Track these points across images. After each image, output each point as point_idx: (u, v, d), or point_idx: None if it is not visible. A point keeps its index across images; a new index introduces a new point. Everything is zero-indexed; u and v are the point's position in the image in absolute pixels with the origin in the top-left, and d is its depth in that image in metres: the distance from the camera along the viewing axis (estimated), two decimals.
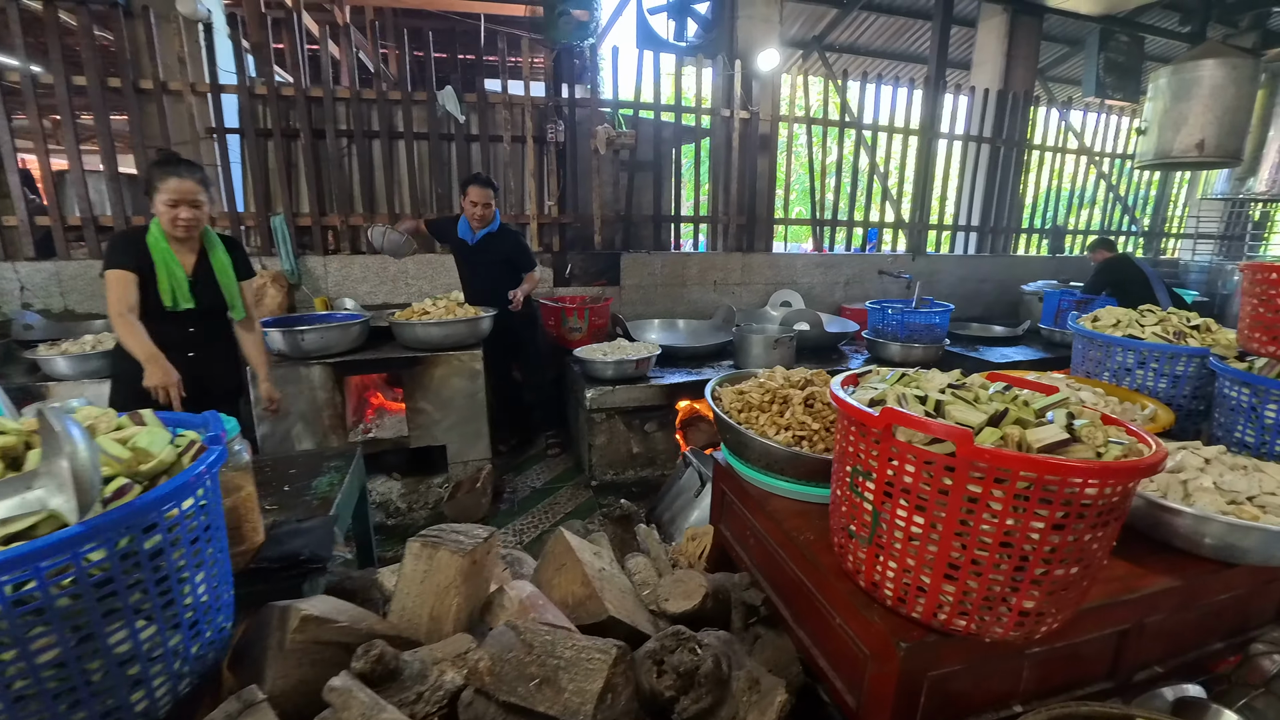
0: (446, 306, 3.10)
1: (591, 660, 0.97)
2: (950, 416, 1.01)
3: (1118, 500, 0.91)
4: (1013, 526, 0.91)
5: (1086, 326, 2.12)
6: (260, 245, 3.97)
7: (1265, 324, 1.56)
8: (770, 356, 3.51)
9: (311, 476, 1.82)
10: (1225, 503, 1.30)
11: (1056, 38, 6.62)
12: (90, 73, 3.49)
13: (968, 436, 0.89)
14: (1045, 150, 5.69)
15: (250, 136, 3.80)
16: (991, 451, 0.87)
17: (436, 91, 3.95)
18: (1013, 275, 5.60)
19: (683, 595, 1.34)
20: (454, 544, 1.21)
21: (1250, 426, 1.55)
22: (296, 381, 2.89)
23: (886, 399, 1.09)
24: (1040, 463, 0.85)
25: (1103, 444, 0.96)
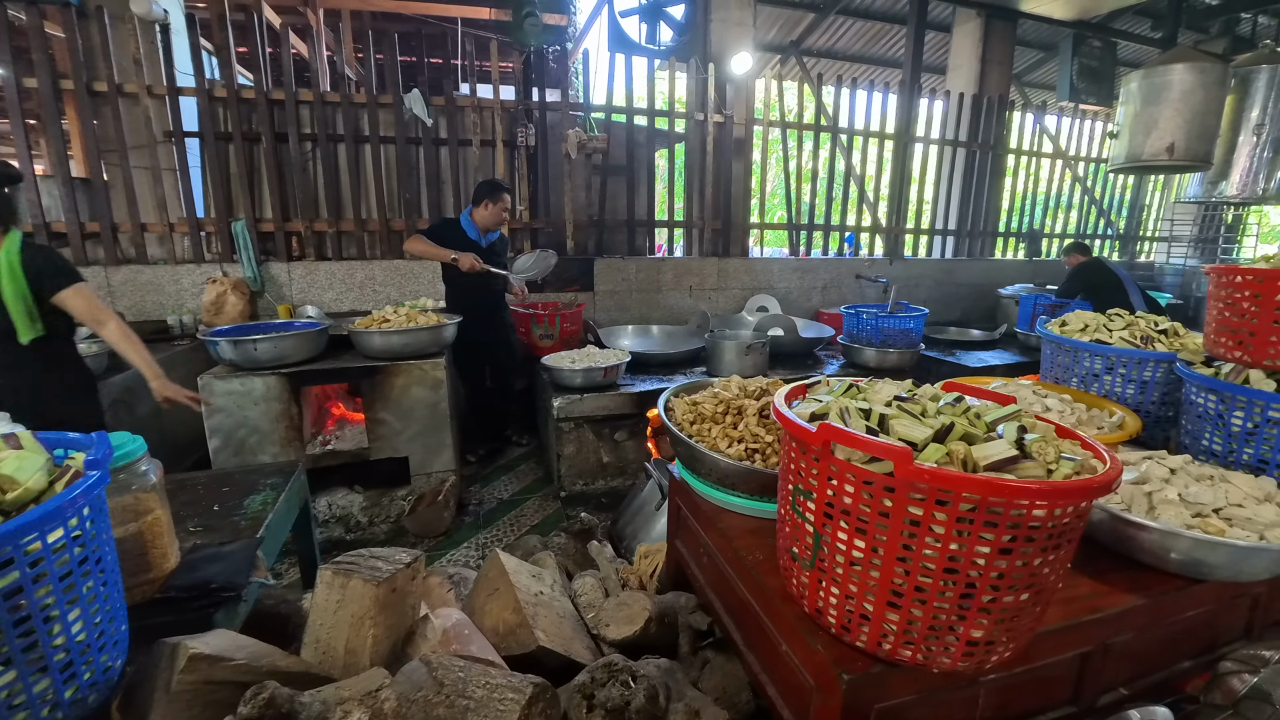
0: (408, 314, 3.00)
1: (504, 700, 0.88)
2: (893, 432, 0.94)
3: (1070, 521, 0.85)
4: (957, 551, 0.84)
5: (1055, 331, 2.08)
6: (222, 251, 3.85)
7: (1231, 328, 1.51)
8: (742, 363, 3.45)
9: (245, 495, 1.72)
10: (1190, 516, 1.25)
11: (1032, 43, 6.67)
12: (41, 74, 3.36)
13: (907, 455, 0.82)
14: (1021, 154, 5.71)
15: (210, 140, 3.69)
16: (931, 471, 0.80)
17: (403, 95, 3.86)
18: (990, 279, 5.60)
19: (625, 620, 1.26)
20: (369, 571, 1.12)
21: (1217, 434, 1.51)
22: (249, 393, 2.78)
23: (829, 413, 1.02)
24: (983, 483, 0.78)
25: (1054, 460, 0.90)
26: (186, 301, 3.83)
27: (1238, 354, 1.49)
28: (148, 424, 3.04)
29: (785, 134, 4.85)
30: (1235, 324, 1.49)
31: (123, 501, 1.23)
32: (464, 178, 4.23)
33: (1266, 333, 1.42)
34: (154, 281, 3.77)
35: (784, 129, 4.82)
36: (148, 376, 2.24)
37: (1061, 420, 1.69)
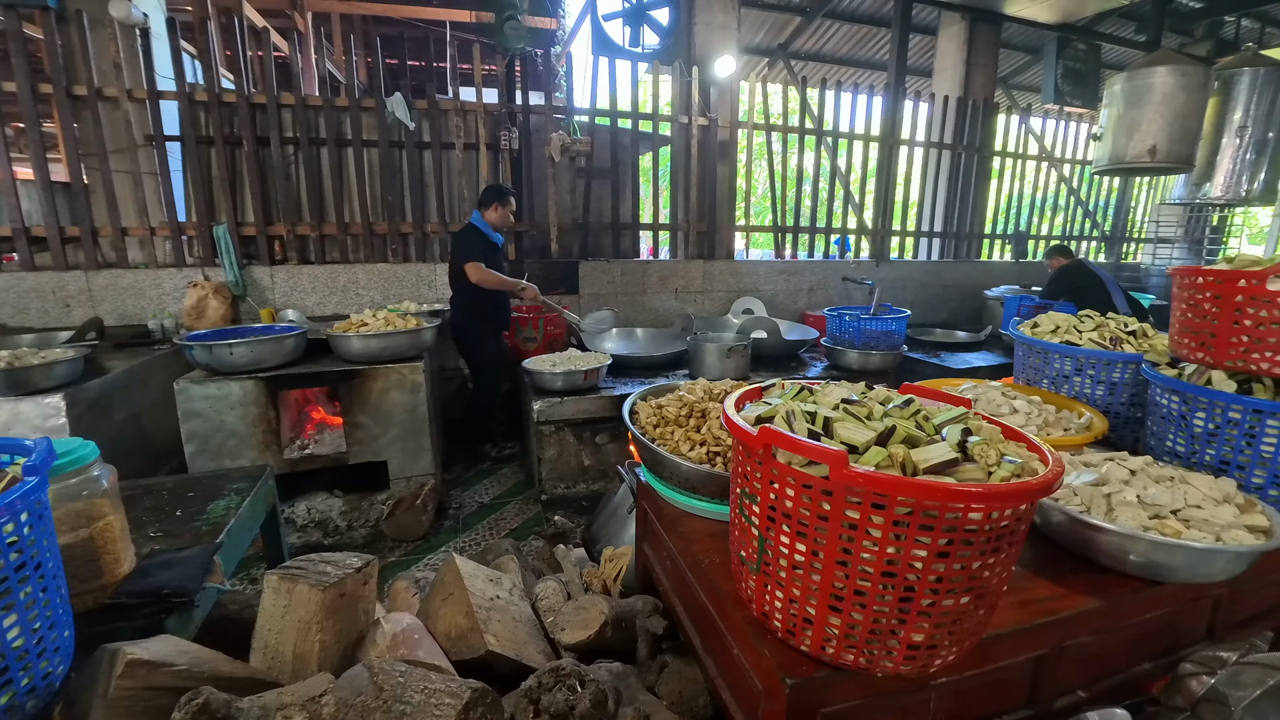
0: (386, 318, 2.99)
1: (440, 705, 0.88)
2: (836, 435, 0.94)
3: (1010, 525, 0.85)
4: (895, 555, 0.83)
5: (1026, 333, 2.08)
6: (203, 255, 3.84)
7: (1193, 329, 1.52)
8: (724, 365, 3.44)
9: (210, 500, 1.71)
10: (1148, 517, 1.24)
11: (1018, 46, 6.71)
12: (19, 78, 3.35)
13: (842, 458, 0.81)
14: (1007, 156, 5.73)
15: (191, 144, 3.68)
16: (865, 475, 0.80)
17: (385, 98, 3.86)
18: (977, 280, 5.62)
19: (580, 624, 1.26)
20: (316, 577, 1.11)
21: (1180, 435, 1.51)
22: (226, 397, 2.76)
23: (775, 416, 1.02)
24: (916, 486, 0.78)
25: (995, 463, 0.89)
26: (168, 305, 3.82)
27: (1200, 355, 1.50)
28: (126, 428, 3.03)
29: (770, 136, 4.86)
30: (1197, 325, 1.50)
31: (74, 508, 1.21)
32: (447, 181, 4.23)
33: (1227, 333, 1.42)
34: (135, 286, 3.75)
35: (769, 131, 4.83)
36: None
37: (1028, 422, 1.69)
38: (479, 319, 3.55)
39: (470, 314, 3.52)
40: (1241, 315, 1.39)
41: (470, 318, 3.53)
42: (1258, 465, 1.36)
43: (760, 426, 0.93)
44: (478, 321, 3.55)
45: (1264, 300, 1.36)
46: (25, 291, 3.59)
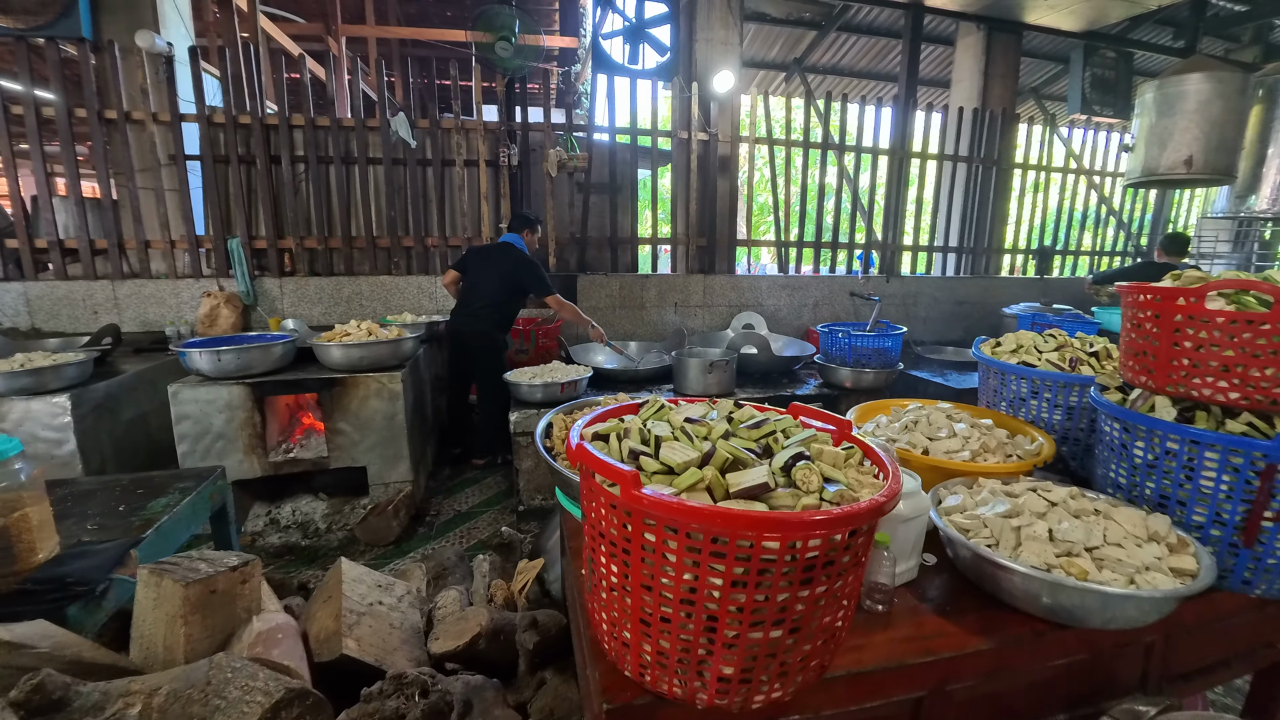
0: (368, 328, 3.08)
1: (251, 702, 0.88)
2: (662, 456, 0.91)
3: (824, 557, 0.80)
4: (693, 582, 0.80)
5: (986, 352, 1.98)
6: (218, 267, 4.06)
7: (1136, 351, 1.41)
8: (706, 381, 3.40)
9: (154, 497, 1.79)
10: (1056, 555, 1.15)
11: (1047, 55, 6.45)
12: (58, 103, 3.65)
13: (632, 479, 0.79)
14: (1029, 169, 5.49)
15: (209, 163, 3.91)
16: (649, 497, 0.77)
17: (390, 118, 4.01)
18: (995, 297, 5.38)
19: (454, 634, 1.25)
20: (185, 572, 1.14)
21: (1122, 466, 1.40)
22: (214, 401, 2.89)
23: (610, 434, 1.00)
24: (690, 510, 0.74)
25: (816, 489, 0.85)
26: (185, 314, 4.04)
27: (1144, 379, 1.39)
28: (133, 428, 3.20)
29: (772, 150, 4.81)
30: (1140, 345, 1.39)
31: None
32: (449, 197, 4.35)
33: (1166, 355, 1.31)
34: (156, 295, 4.00)
35: (771, 145, 4.78)
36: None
37: (964, 446, 1.60)
38: (506, 330, 3.69)
39: (501, 328, 3.62)
40: (1181, 336, 1.29)
41: (500, 330, 3.63)
42: (1197, 501, 1.25)
43: (577, 444, 0.91)
44: (505, 332, 3.68)
45: (1202, 320, 1.25)
46: (58, 299, 3.88)
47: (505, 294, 3.52)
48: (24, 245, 3.79)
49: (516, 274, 3.52)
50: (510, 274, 3.51)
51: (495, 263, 3.53)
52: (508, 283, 3.52)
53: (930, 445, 1.61)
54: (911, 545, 1.25)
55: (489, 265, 3.52)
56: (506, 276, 3.51)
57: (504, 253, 3.56)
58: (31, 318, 3.90)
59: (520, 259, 3.54)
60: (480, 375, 3.55)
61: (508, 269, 3.51)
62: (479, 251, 3.64)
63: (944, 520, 1.28)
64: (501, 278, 3.51)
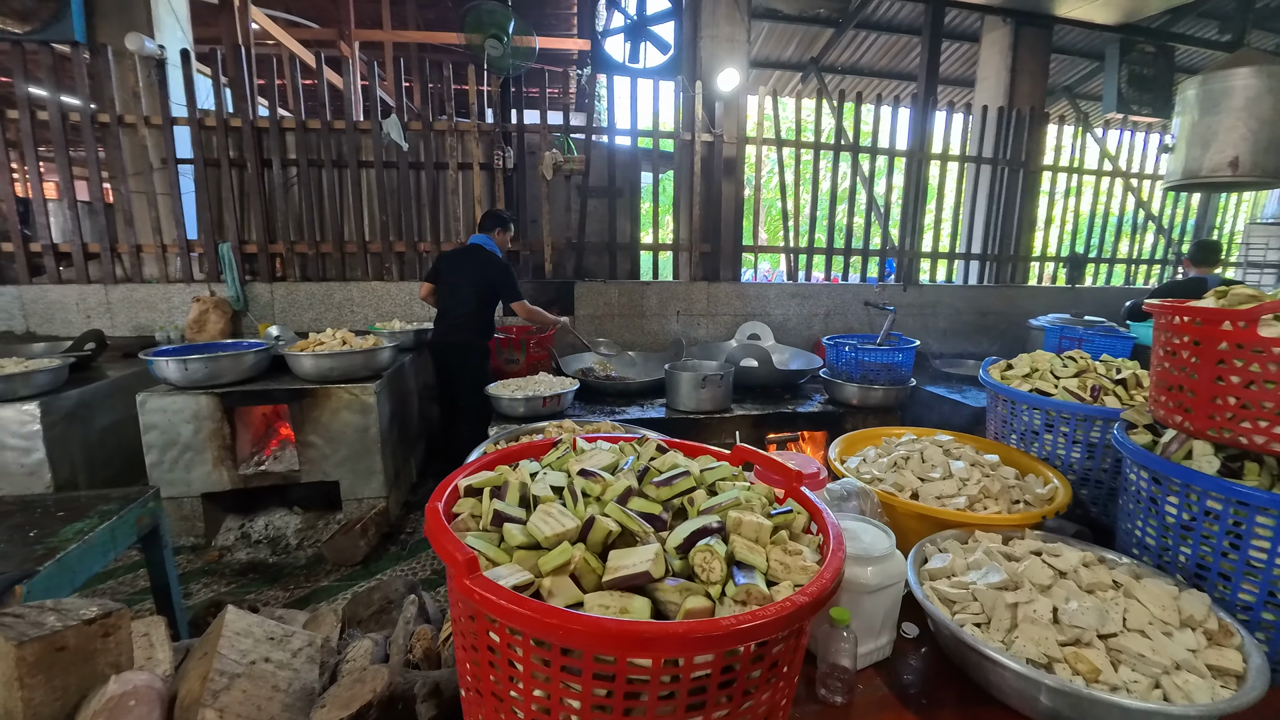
0: (343, 338, 2.96)
1: None
2: (530, 525, 0.71)
3: (716, 677, 0.59)
4: (544, 700, 0.60)
5: (994, 376, 1.73)
6: (210, 271, 4.00)
7: (1169, 384, 1.16)
8: (698, 396, 3.19)
9: (72, 520, 1.66)
10: (1060, 642, 0.92)
11: (1080, 51, 6.07)
12: (52, 107, 3.64)
13: (465, 565, 0.60)
14: (1059, 171, 5.15)
15: (199, 167, 3.86)
16: (480, 592, 0.58)
17: (381, 120, 3.91)
18: (1021, 307, 5.04)
19: (341, 703, 1.07)
20: (28, 627, 0.99)
21: (1150, 524, 1.15)
22: (181, 411, 2.80)
23: (484, 488, 0.81)
24: (517, 614, 0.55)
25: (719, 580, 0.64)
26: (176, 318, 3.99)
27: (1179, 419, 1.14)
28: (108, 436, 3.13)
29: (781, 152, 4.58)
30: (1174, 379, 1.15)
31: None
32: (443, 201, 4.23)
33: (1207, 392, 1.07)
34: (147, 299, 3.96)
35: (779, 147, 4.56)
36: None
37: (960, 490, 1.37)
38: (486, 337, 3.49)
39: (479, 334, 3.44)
40: (1227, 370, 1.04)
41: (481, 337, 3.45)
42: (1245, 575, 1.00)
43: (430, 504, 0.72)
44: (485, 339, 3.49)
45: (1254, 350, 1.01)
46: (51, 303, 3.86)
47: (478, 299, 3.33)
48: (18, 249, 3.78)
49: (486, 276, 3.33)
50: (480, 277, 3.32)
51: (465, 267, 3.34)
52: (479, 287, 3.32)
53: (920, 488, 1.38)
54: (881, 619, 1.03)
55: (459, 271, 3.33)
56: (477, 280, 3.32)
57: (473, 255, 3.37)
58: (26, 321, 3.89)
59: (489, 260, 3.35)
60: (461, 388, 3.37)
61: (477, 272, 3.32)
62: (448, 257, 3.44)
63: (924, 588, 1.05)
64: (472, 282, 3.31)
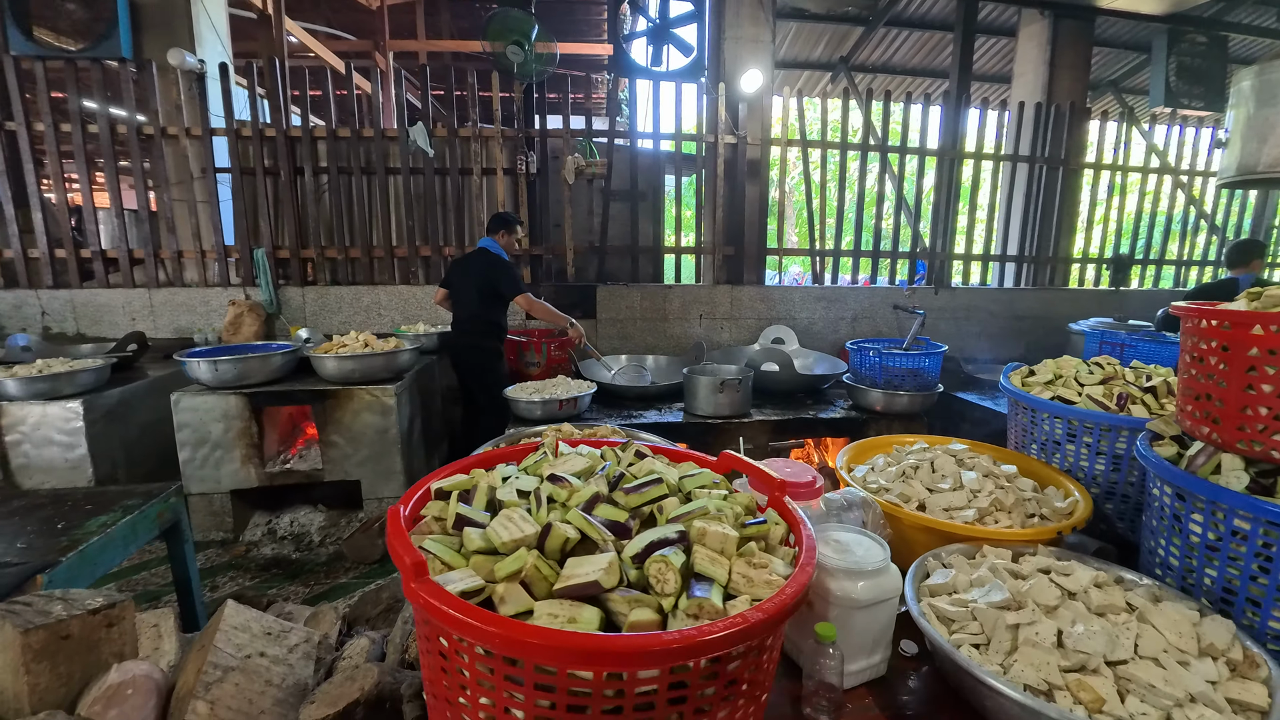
0: (365, 340, 3.03)
1: None
2: (489, 530, 0.70)
3: (664, 693, 0.57)
4: (490, 709, 0.59)
5: (1015, 383, 1.65)
6: (245, 276, 4.16)
7: (1197, 393, 1.08)
8: (716, 401, 3.15)
9: (98, 514, 1.74)
10: (1063, 668, 0.86)
11: (1126, 44, 5.79)
12: (101, 121, 3.84)
13: (413, 569, 0.59)
14: (1100, 168, 4.91)
15: (236, 175, 4.02)
16: (424, 596, 0.57)
17: (408, 128, 4.01)
18: (1059, 311, 4.82)
19: (330, 700, 1.07)
20: (35, 615, 1.03)
21: (1174, 542, 1.07)
22: (211, 410, 2.90)
23: (454, 491, 0.80)
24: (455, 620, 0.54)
25: (673, 591, 0.62)
26: (214, 321, 4.16)
27: (1205, 430, 1.06)
28: (147, 434, 3.27)
29: (805, 153, 4.50)
30: (1202, 388, 1.07)
31: None
32: (467, 206, 4.31)
33: (1236, 401, 0.99)
34: (187, 302, 4.14)
35: (804, 148, 4.48)
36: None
37: (970, 502, 1.30)
38: (496, 339, 3.56)
39: (491, 335, 3.52)
40: (1259, 378, 0.96)
41: (491, 338, 3.53)
42: (1275, 601, 0.92)
43: (393, 507, 0.72)
44: (496, 341, 3.56)
45: None
46: (100, 305, 4.07)
47: (483, 301, 3.40)
48: (70, 255, 4.00)
49: (488, 277, 3.39)
50: (482, 278, 3.39)
51: (470, 271, 3.43)
52: (483, 288, 3.40)
53: (928, 499, 1.32)
54: (874, 637, 0.98)
55: (465, 275, 3.42)
56: (481, 282, 3.39)
57: (477, 259, 3.46)
58: (77, 323, 4.11)
59: (490, 261, 3.42)
60: (477, 389, 3.43)
61: (479, 274, 3.40)
62: (457, 263, 3.56)
63: (921, 605, 1.00)
64: (477, 285, 3.39)
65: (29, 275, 4.04)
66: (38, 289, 4.04)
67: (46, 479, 2.96)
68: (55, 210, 3.95)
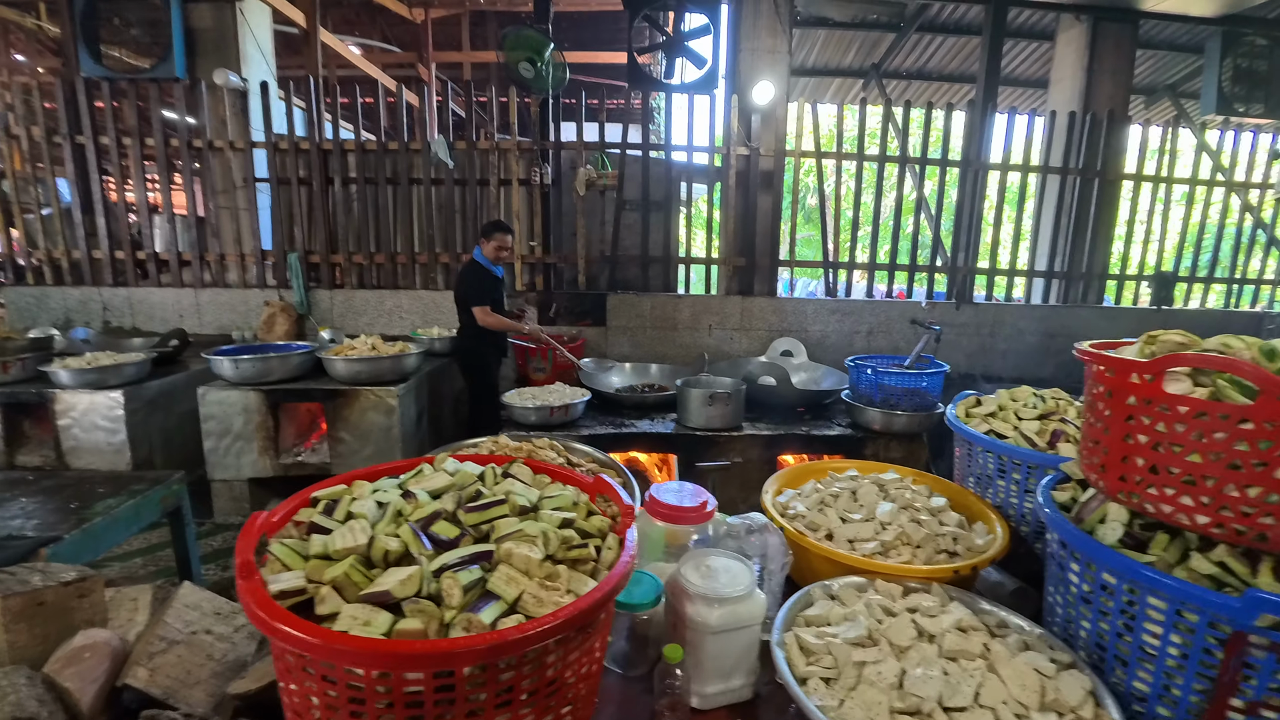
0: (373, 344, 3.21)
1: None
2: (330, 538, 0.79)
3: (430, 695, 0.63)
4: (296, 692, 0.68)
5: (958, 414, 1.63)
6: (280, 279, 4.47)
7: (1091, 437, 1.06)
8: (708, 413, 3.18)
9: (109, 496, 1.94)
10: (895, 709, 0.88)
11: (1182, 46, 5.41)
12: (157, 136, 4.22)
13: (243, 566, 0.69)
14: (1141, 180, 4.63)
15: (274, 185, 4.33)
16: (243, 587, 0.67)
17: (429, 140, 4.21)
18: (1095, 330, 4.57)
19: (259, 675, 1.19)
20: (14, 584, 1.20)
21: (1059, 591, 1.06)
22: (234, 404, 3.15)
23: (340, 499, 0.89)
24: (250, 610, 0.63)
25: (456, 604, 0.69)
26: (251, 320, 4.49)
27: (1093, 476, 1.05)
28: (185, 423, 3.55)
29: (820, 164, 4.45)
30: (1094, 432, 1.05)
31: None
32: (485, 215, 4.48)
33: (1118, 450, 0.98)
34: (229, 302, 4.48)
35: (819, 158, 4.43)
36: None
37: (879, 533, 1.31)
38: (485, 344, 3.70)
39: (477, 339, 3.67)
40: (1135, 427, 0.95)
41: (478, 342, 3.68)
42: (1140, 664, 0.90)
43: (264, 515, 0.82)
44: (484, 345, 3.71)
45: (1161, 408, 0.91)
46: (153, 303, 4.46)
47: (463, 309, 3.58)
48: (128, 256, 4.40)
49: (459, 286, 3.57)
50: (458, 287, 3.58)
51: (457, 280, 3.64)
52: (458, 297, 3.58)
53: (837, 529, 1.33)
54: (731, 662, 1.02)
55: (455, 284, 3.64)
56: (457, 291, 3.58)
57: (462, 268, 3.64)
58: (133, 318, 4.52)
59: (464, 271, 3.58)
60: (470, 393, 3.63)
61: (458, 283, 3.59)
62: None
63: (787, 634, 1.03)
64: (457, 294, 3.59)
65: (93, 274, 4.47)
66: (100, 286, 4.47)
67: (93, 460, 3.28)
68: (117, 215, 4.35)
